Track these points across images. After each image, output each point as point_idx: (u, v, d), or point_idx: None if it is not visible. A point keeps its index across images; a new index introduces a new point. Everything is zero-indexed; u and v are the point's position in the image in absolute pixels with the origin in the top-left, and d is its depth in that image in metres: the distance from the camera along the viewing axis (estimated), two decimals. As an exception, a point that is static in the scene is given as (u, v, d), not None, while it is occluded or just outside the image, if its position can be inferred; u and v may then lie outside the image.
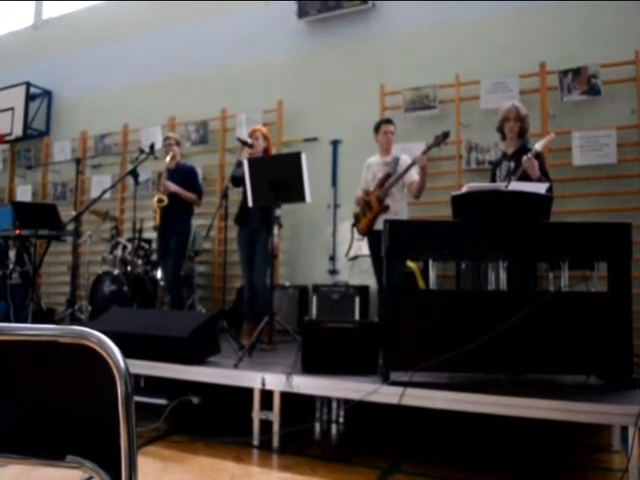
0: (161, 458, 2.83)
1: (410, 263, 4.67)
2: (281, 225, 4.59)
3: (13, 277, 6.25)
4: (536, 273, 3.89)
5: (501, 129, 3.77)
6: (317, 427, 3.32)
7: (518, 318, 2.66)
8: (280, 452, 2.96)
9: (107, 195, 5.98)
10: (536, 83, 5.10)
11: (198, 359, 3.36)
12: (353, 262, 5.44)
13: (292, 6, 6.22)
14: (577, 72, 4.89)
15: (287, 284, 5.66)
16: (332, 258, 5.85)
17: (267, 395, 3.07)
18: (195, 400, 3.41)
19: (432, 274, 3.44)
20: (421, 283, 4.66)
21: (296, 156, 3.71)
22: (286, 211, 4.69)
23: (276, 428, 3.02)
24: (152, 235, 5.57)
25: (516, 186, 3.07)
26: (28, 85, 7.78)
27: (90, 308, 5.51)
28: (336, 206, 5.90)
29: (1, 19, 8.97)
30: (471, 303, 2.91)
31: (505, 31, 5.29)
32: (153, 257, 5.67)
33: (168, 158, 4.94)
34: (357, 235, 4.50)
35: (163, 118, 6.89)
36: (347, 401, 3.01)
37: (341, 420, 3.34)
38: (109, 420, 0.90)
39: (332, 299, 4.83)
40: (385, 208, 4.23)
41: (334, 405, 3.32)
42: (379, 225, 3.91)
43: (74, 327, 0.94)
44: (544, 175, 3.45)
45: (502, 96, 5.01)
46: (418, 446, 3.18)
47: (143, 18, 7.38)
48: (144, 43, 7.28)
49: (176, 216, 4.82)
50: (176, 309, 4.87)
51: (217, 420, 3.62)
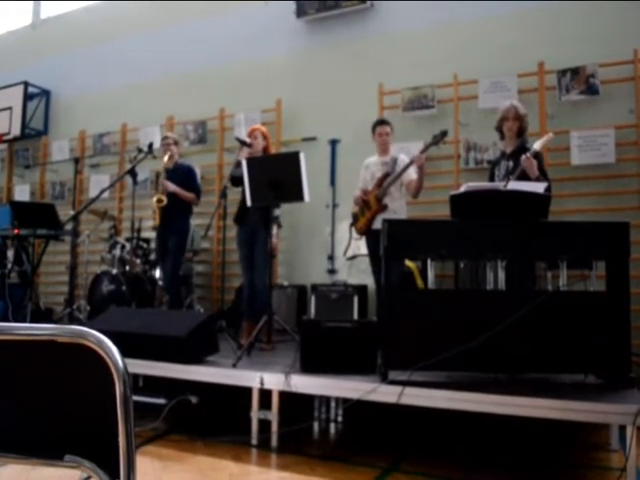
0: (160, 457, 2.83)
1: (409, 262, 4.67)
2: (280, 225, 4.59)
3: (11, 277, 6.25)
4: (534, 272, 3.89)
5: (500, 128, 3.77)
6: (316, 426, 3.33)
7: (517, 317, 2.67)
8: (279, 451, 2.96)
9: (105, 194, 5.98)
10: (534, 83, 5.10)
11: (197, 358, 3.36)
12: (351, 261, 5.44)
13: (291, 6, 6.22)
14: (575, 72, 4.89)
15: (286, 284, 5.66)
16: (331, 258, 5.85)
17: (266, 394, 3.07)
18: (194, 399, 3.41)
19: (431, 273, 3.44)
20: (420, 282, 4.66)
21: (295, 156, 3.71)
22: (285, 211, 4.68)
23: (275, 427, 3.02)
24: (151, 234, 5.57)
25: (515, 185, 3.07)
26: (26, 84, 7.76)
27: (88, 308, 5.50)
28: (335, 206, 5.90)
29: (-1, 18, 8.97)
30: (470, 302, 2.91)
31: (503, 31, 5.29)
32: (152, 256, 5.67)
33: (166, 158, 4.94)
34: (355, 234, 4.50)
35: (162, 117, 6.89)
36: (346, 400, 3.02)
37: (340, 419, 3.35)
38: (108, 419, 0.90)
39: (331, 298, 4.83)
40: (383, 207, 4.23)
41: (333, 404, 3.33)
42: (377, 224, 3.91)
43: (72, 327, 0.94)
44: (543, 174, 3.45)
45: (500, 95, 5.00)
46: (417, 445, 3.18)
47: (142, 17, 7.37)
48: (143, 42, 7.28)
49: (175, 216, 4.82)
50: (175, 309, 4.87)
51: (216, 419, 3.62)
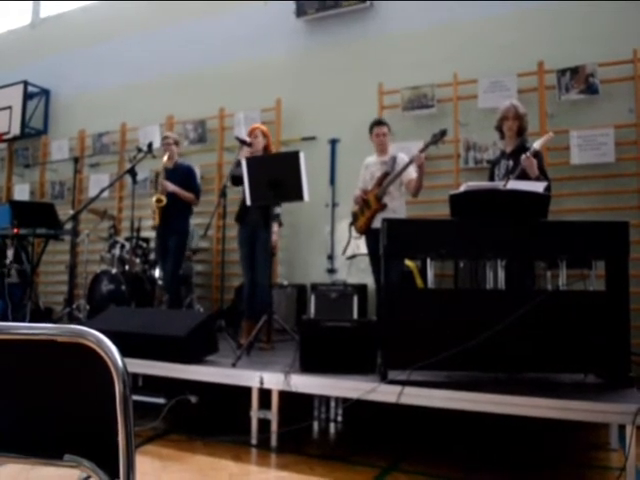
0: (159, 457, 2.83)
1: (408, 262, 4.67)
2: (281, 223, 4.59)
3: (11, 276, 6.25)
4: (534, 272, 3.89)
5: (500, 128, 3.77)
6: (315, 426, 3.33)
7: (516, 317, 2.66)
8: (278, 451, 2.96)
9: (105, 194, 5.97)
10: (534, 82, 5.10)
11: (196, 358, 3.35)
12: (351, 261, 5.44)
13: (290, 5, 6.22)
14: (575, 71, 4.89)
15: (285, 283, 5.66)
16: (330, 257, 5.85)
17: (265, 394, 3.07)
18: (193, 399, 3.41)
19: (430, 273, 3.44)
20: (419, 282, 4.66)
21: (294, 155, 3.71)
22: (284, 210, 4.68)
23: (274, 427, 3.02)
24: (150, 234, 5.57)
25: (514, 185, 3.07)
26: (26, 84, 7.76)
27: (88, 307, 5.49)
28: (334, 205, 5.90)
29: (-2, 18, 8.96)
30: (469, 302, 2.91)
31: (503, 30, 5.29)
32: (151, 256, 5.67)
33: (165, 158, 4.94)
34: (355, 234, 4.50)
35: (161, 117, 6.88)
36: (345, 400, 3.02)
37: (339, 419, 3.35)
38: (107, 419, 0.90)
39: (330, 298, 4.83)
40: (383, 206, 4.23)
41: (332, 404, 3.33)
42: (377, 223, 3.91)
43: (72, 326, 0.94)
44: (542, 174, 3.45)
45: (500, 95, 5.00)
46: (417, 445, 3.18)
47: (142, 17, 7.36)
48: (143, 42, 7.27)
49: (175, 216, 4.82)
50: (174, 308, 4.87)
51: (215, 419, 3.62)
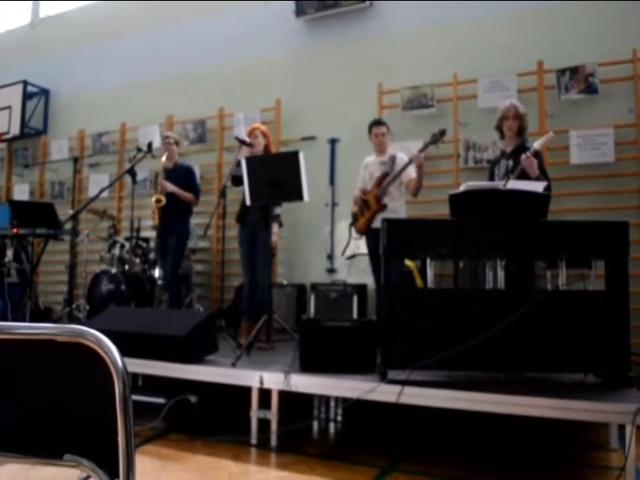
0: (159, 457, 2.83)
1: (408, 262, 4.67)
2: (281, 224, 4.59)
3: (11, 275, 6.25)
4: (534, 272, 3.89)
5: (499, 128, 3.76)
6: (315, 426, 3.33)
7: (516, 317, 2.66)
8: (278, 451, 2.96)
9: (105, 194, 5.96)
10: (534, 82, 5.10)
11: (196, 358, 3.35)
12: (351, 261, 5.44)
13: (290, 5, 6.22)
14: (574, 71, 4.89)
15: (285, 283, 5.66)
16: (330, 257, 5.85)
17: (265, 394, 3.07)
18: (193, 399, 3.41)
19: (430, 273, 3.45)
20: (419, 282, 4.66)
21: (294, 155, 3.70)
22: (284, 210, 4.68)
23: (274, 427, 3.02)
24: (150, 234, 5.57)
25: (514, 185, 3.06)
26: (25, 83, 7.75)
27: (88, 307, 5.50)
28: (334, 205, 5.90)
29: (-2, 17, 8.95)
30: (469, 302, 2.91)
31: (503, 30, 5.29)
32: (151, 256, 5.67)
33: (164, 158, 4.94)
34: (355, 234, 4.50)
35: (161, 117, 6.88)
36: (345, 400, 3.02)
37: (339, 419, 3.35)
38: (107, 419, 0.90)
39: (330, 298, 4.83)
40: (383, 207, 4.23)
41: (332, 404, 3.32)
42: (377, 224, 3.90)
43: (72, 326, 0.94)
44: (543, 174, 3.45)
45: (500, 95, 5.00)
46: (417, 444, 3.18)
47: (141, 16, 7.36)
48: (142, 41, 7.27)
49: (175, 215, 4.82)
50: (174, 308, 4.87)
51: (215, 419, 3.62)
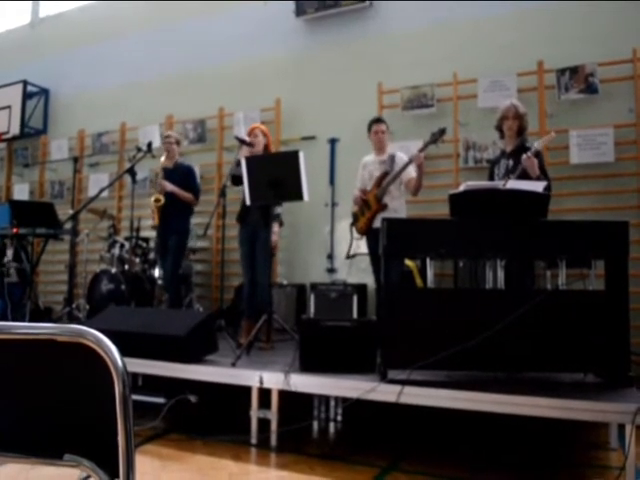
0: (159, 457, 2.83)
1: (408, 261, 4.67)
2: (282, 223, 4.59)
3: (11, 275, 6.25)
4: (534, 271, 3.89)
5: (500, 127, 3.77)
6: (315, 425, 3.33)
7: (516, 316, 2.66)
8: (278, 450, 2.96)
9: (104, 194, 5.95)
10: (534, 82, 5.10)
11: (196, 357, 3.35)
12: (351, 261, 5.43)
13: (290, 5, 6.21)
14: (574, 71, 4.89)
15: (285, 282, 5.66)
16: (330, 256, 5.85)
17: (265, 393, 3.07)
18: (193, 399, 3.41)
19: (430, 272, 3.45)
20: (419, 281, 4.66)
21: (294, 155, 3.70)
22: (284, 210, 4.68)
23: (274, 426, 3.02)
24: (150, 233, 5.57)
25: (514, 184, 3.07)
26: (25, 83, 7.75)
27: (88, 307, 5.49)
28: (334, 204, 5.90)
29: (-2, 17, 8.94)
30: (469, 301, 2.91)
31: (503, 30, 5.29)
32: (151, 255, 5.67)
33: (163, 158, 4.94)
34: (356, 234, 4.50)
35: (161, 116, 6.88)
36: (345, 399, 3.02)
37: (339, 418, 3.35)
38: (107, 419, 0.90)
39: (330, 297, 4.83)
40: (384, 206, 4.22)
41: (332, 403, 3.32)
42: (378, 223, 3.90)
43: (72, 326, 0.94)
44: (543, 174, 3.45)
45: (500, 94, 5.00)
46: (417, 444, 3.18)
47: (141, 16, 7.35)
48: (142, 41, 7.26)
49: (175, 215, 4.82)
50: (174, 308, 4.87)
51: (215, 419, 3.62)
